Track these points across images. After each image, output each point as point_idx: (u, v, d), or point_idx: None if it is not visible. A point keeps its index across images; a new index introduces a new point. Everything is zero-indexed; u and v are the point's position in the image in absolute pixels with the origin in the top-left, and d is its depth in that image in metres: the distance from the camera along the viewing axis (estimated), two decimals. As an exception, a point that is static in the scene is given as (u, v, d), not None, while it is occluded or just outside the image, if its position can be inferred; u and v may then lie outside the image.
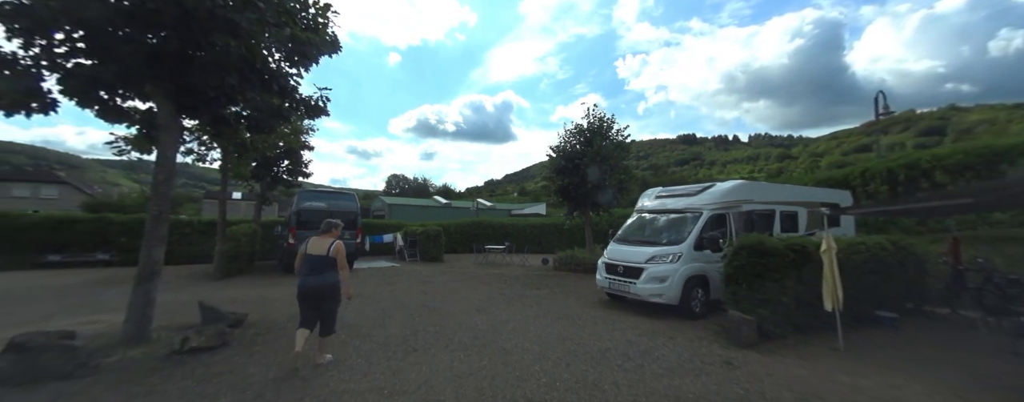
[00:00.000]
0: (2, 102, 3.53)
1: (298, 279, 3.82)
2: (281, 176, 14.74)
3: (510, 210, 47.90)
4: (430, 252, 14.39)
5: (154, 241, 4.52)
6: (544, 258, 13.41)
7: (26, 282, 8.98)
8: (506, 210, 46.89)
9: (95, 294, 7.59)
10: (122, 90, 4.26)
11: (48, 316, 5.77)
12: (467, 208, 43.87)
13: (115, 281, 9.08)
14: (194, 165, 11.16)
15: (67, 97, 4.14)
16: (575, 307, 6.49)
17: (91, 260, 12.33)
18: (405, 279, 9.71)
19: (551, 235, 19.39)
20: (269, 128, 5.45)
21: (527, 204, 61.48)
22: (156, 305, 4.59)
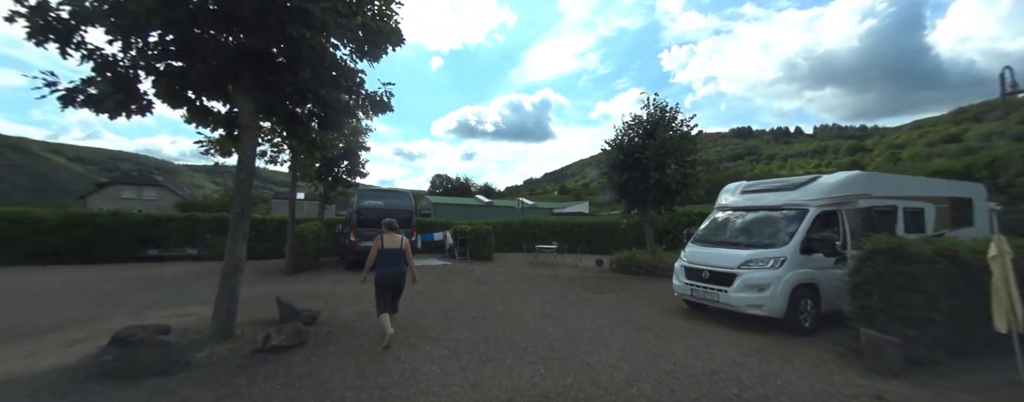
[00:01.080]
0: (106, 104, 3.63)
1: (375, 271, 4.41)
2: (341, 176, 15.29)
3: (551, 209, 47.07)
4: (480, 251, 14.22)
5: (238, 238, 4.56)
6: (598, 259, 12.70)
7: (132, 273, 9.90)
8: (547, 209, 46.15)
9: (186, 286, 8.13)
10: (207, 91, 4.30)
11: (148, 306, 6.17)
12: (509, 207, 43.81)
13: (202, 274, 9.77)
14: (264, 167, 11.84)
15: (160, 100, 4.24)
16: (652, 315, 5.84)
17: (182, 255, 13.52)
18: (460, 278, 9.51)
19: (600, 234, 18.51)
20: (338, 125, 5.39)
21: (568, 203, 60.34)
22: (239, 300, 4.63)
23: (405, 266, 4.51)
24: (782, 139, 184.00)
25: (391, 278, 4.40)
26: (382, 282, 4.39)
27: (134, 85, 3.83)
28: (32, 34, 3.11)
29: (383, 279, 4.39)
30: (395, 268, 4.43)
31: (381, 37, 4.32)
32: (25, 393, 3.10)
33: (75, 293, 7.29)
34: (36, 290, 7.56)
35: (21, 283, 8.25)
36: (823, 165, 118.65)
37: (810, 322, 5.00)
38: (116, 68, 3.62)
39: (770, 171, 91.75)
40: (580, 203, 58.37)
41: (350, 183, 15.20)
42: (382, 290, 4.39)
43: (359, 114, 5.38)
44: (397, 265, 4.44)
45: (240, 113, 4.57)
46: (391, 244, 4.45)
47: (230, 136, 4.95)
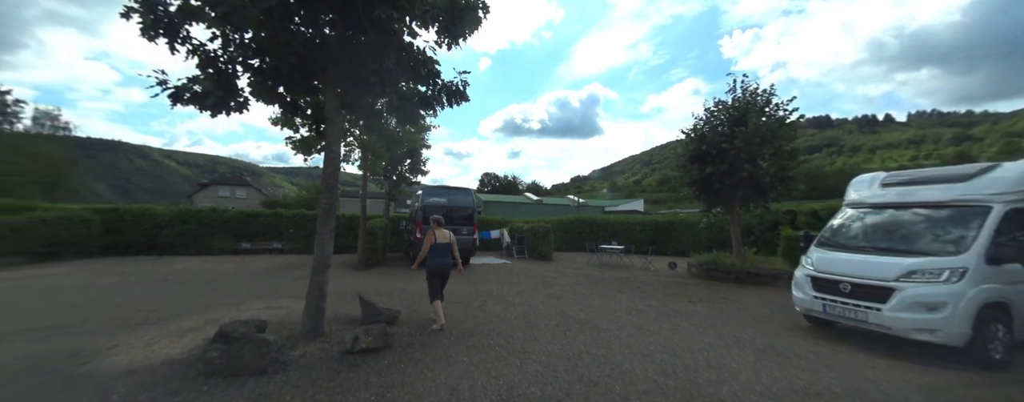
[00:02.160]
0: (208, 101, 3.63)
1: (428, 262, 4.92)
2: (404, 174, 15.59)
3: (602, 207, 45.25)
4: (538, 250, 13.71)
5: (325, 234, 4.45)
6: (671, 262, 11.59)
7: (229, 265, 10.73)
8: (598, 207, 44.43)
9: (274, 278, 8.54)
10: (297, 85, 4.21)
11: (244, 298, 6.43)
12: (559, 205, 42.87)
13: (287, 267, 10.34)
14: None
15: (255, 97, 4.22)
16: (768, 334, 4.90)
17: (269, 248, 14.61)
18: (525, 279, 9.06)
19: (665, 234, 17.10)
20: (415, 117, 5.14)
21: (621, 200, 57.69)
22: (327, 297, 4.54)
23: (451, 258, 5.03)
24: (868, 128, 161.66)
25: (442, 268, 4.93)
26: (434, 271, 4.90)
27: (232, 82, 3.83)
28: (145, 30, 3.15)
29: (435, 269, 4.90)
30: (445, 259, 4.95)
31: (469, 11, 3.93)
32: (144, 387, 3.11)
33: (185, 282, 7.90)
34: (154, 278, 8.33)
35: (148, 272, 9.19)
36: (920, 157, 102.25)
37: (1002, 352, 3.82)
38: (217, 63, 3.63)
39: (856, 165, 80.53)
40: (633, 201, 55.65)
41: (412, 181, 15.47)
42: (433, 278, 4.89)
43: (436, 105, 5.07)
44: (446, 257, 4.95)
45: (326, 107, 4.46)
46: (442, 239, 4.94)
47: (317, 132, 4.88)
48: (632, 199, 61.77)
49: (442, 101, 5.10)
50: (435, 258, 4.92)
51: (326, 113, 4.49)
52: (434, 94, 5.00)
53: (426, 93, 4.99)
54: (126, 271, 9.14)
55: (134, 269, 9.53)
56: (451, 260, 5.01)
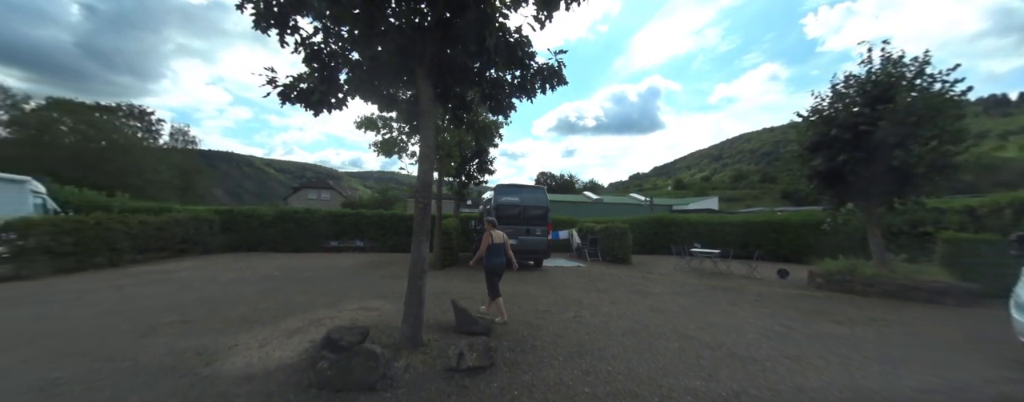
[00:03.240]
0: (313, 97, 3.47)
1: (487, 260, 5.07)
2: (472, 173, 15.44)
3: (669, 206, 41.92)
4: (615, 252, 12.67)
5: (421, 235, 4.11)
6: (781, 270, 9.87)
7: (321, 262, 11.36)
8: (663, 205, 41.26)
9: (362, 277, 8.72)
10: (392, 77, 3.89)
11: (339, 297, 6.49)
12: (621, 204, 40.58)
13: (373, 265, 10.63)
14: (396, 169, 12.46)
15: (353, 93, 4.00)
16: (993, 378, 3.55)
17: (352, 246, 15.43)
18: (611, 286, 8.20)
19: (761, 236, 14.90)
20: (508, 107, 4.63)
21: (691, 199, 53.13)
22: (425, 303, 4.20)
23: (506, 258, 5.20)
24: (997, 110, 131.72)
25: (500, 266, 5.09)
26: (494, 270, 5.06)
27: (334, 76, 3.63)
28: (257, 21, 3.04)
29: (495, 267, 5.06)
30: (502, 258, 5.13)
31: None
32: (261, 397, 2.94)
33: (287, 279, 8.34)
34: (262, 274, 8.95)
35: (256, 268, 9.97)
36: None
37: None
38: (321, 57, 3.44)
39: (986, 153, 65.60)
40: (705, 198, 51.03)
41: (479, 181, 15.29)
42: (496, 276, 5.07)
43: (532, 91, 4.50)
44: (502, 256, 5.13)
45: (421, 99, 4.11)
46: (498, 239, 5.12)
47: (411, 126, 4.58)
48: (703, 197, 56.72)
49: (537, 86, 4.52)
50: (493, 257, 5.08)
51: (421, 106, 4.14)
52: (529, 77, 4.43)
53: (521, 79, 4.45)
54: (240, 266, 10.00)
55: (246, 265, 10.42)
56: (504, 259, 5.17)
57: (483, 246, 5.10)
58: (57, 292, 6.40)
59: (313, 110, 3.93)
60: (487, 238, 5.10)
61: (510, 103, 4.69)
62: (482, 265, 5.12)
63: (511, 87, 4.47)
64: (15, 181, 10.00)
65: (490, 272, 5.05)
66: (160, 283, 7.40)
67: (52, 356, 3.61)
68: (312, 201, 54.82)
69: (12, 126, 24.11)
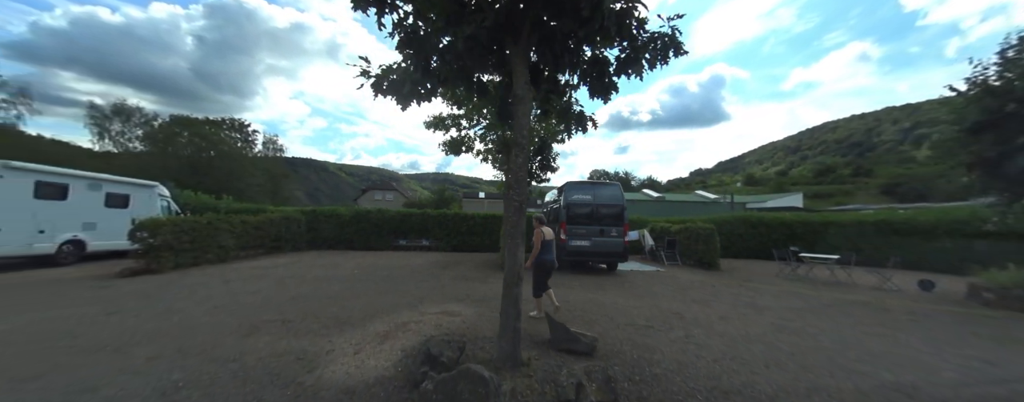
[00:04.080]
0: (404, 88, 3.17)
1: (538, 258, 5.00)
2: (535, 172, 14.88)
3: (742, 204, 37.74)
4: (699, 256, 11.30)
5: (517, 238, 3.61)
6: (924, 281, 7.96)
7: (394, 261, 11.57)
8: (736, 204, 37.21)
9: (436, 278, 8.58)
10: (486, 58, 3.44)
11: (418, 298, 6.30)
12: (686, 201, 37.40)
13: (442, 265, 10.56)
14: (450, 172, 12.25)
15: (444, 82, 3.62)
16: None
17: (419, 245, 15.73)
18: (711, 297, 7.11)
19: (880, 238, 12.44)
20: (611, 87, 3.99)
21: (768, 196, 47.47)
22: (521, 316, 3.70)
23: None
24: None
25: (550, 264, 5.09)
26: (546, 267, 5.07)
27: (428, 62, 3.27)
28: (357, 1, 2.76)
29: (547, 265, 5.08)
30: (552, 255, 5.14)
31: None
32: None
33: (367, 278, 8.47)
34: (345, 272, 9.22)
35: (339, 265, 10.38)
36: None
37: None
38: (416, 40, 3.10)
39: None
40: (787, 195, 45.41)
41: (542, 178, 14.68)
42: (547, 273, 5.08)
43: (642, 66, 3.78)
44: (552, 253, 5.14)
45: (515, 83, 3.60)
46: (548, 236, 5.09)
47: (502, 116, 4.11)
48: (783, 193, 50.58)
49: (648, 59, 3.78)
50: (547, 254, 5.07)
51: (515, 90, 3.63)
52: (639, 46, 3.69)
53: (629, 52, 3.74)
54: (324, 264, 10.48)
55: (329, 262, 10.91)
56: (554, 256, 5.19)
57: (537, 244, 5.04)
58: (177, 285, 7.01)
59: (403, 103, 3.63)
60: (539, 235, 5.07)
61: (612, 82, 4.02)
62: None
63: (618, 62, 3.80)
64: (147, 186, 11.50)
65: (540, 269, 5.06)
66: (259, 279, 7.85)
67: (172, 354, 3.69)
68: (378, 201, 58.48)
69: (145, 140, 28.61)
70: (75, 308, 5.26)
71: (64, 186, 9.02)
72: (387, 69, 3.59)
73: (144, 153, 27.71)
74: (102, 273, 8.13)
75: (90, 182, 9.72)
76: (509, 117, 4.16)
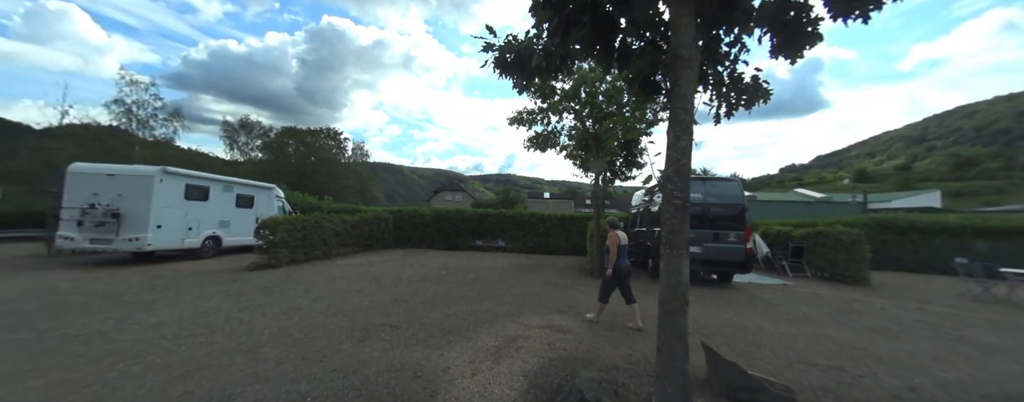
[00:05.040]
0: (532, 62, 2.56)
1: (618, 262, 4.84)
2: (620, 169, 13.59)
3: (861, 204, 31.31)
4: (838, 268, 9.15)
5: (680, 247, 2.70)
6: None
7: (476, 262, 11.35)
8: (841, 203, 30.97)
9: (524, 283, 8.01)
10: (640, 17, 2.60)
11: (515, 307, 5.75)
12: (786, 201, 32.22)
13: (526, 268, 10.02)
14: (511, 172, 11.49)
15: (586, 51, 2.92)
16: None
17: (496, 246, 15.49)
18: (893, 325, 5.44)
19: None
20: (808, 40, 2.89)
21: (893, 194, 39.00)
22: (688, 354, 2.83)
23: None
24: None
25: (628, 268, 4.88)
26: (624, 273, 4.85)
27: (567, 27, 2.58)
28: None
29: (624, 270, 4.85)
30: (627, 260, 4.91)
31: None
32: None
33: (456, 280, 8.23)
34: (434, 272, 9.14)
35: (427, 265, 10.43)
36: None
37: None
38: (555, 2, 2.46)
39: None
40: (920, 193, 37.02)
41: (627, 176, 13.38)
42: (624, 280, 4.86)
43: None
44: (626, 258, 4.91)
45: (675, 42, 2.72)
46: (624, 241, 4.88)
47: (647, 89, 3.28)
48: (912, 191, 41.43)
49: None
50: (620, 259, 4.86)
51: (676, 52, 2.74)
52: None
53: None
54: (413, 263, 10.61)
55: (417, 261, 11.05)
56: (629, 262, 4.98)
57: (613, 249, 4.81)
58: (293, 281, 7.41)
59: (527, 80, 3.04)
60: (614, 240, 4.81)
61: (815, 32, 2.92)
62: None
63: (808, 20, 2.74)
64: (267, 188, 12.85)
65: (616, 275, 4.83)
66: (360, 278, 8.03)
67: (296, 360, 3.55)
68: (448, 202, 60.99)
69: (263, 149, 33.18)
70: (214, 301, 5.66)
71: (206, 188, 10.33)
72: (509, 42, 3.03)
73: (262, 160, 32.24)
74: (233, 266, 9.05)
75: (225, 185, 11.06)
76: (656, 91, 3.32)
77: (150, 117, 22.65)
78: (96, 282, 6.73)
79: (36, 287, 6.26)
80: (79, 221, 8.41)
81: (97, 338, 3.90)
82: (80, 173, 8.87)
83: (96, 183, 8.72)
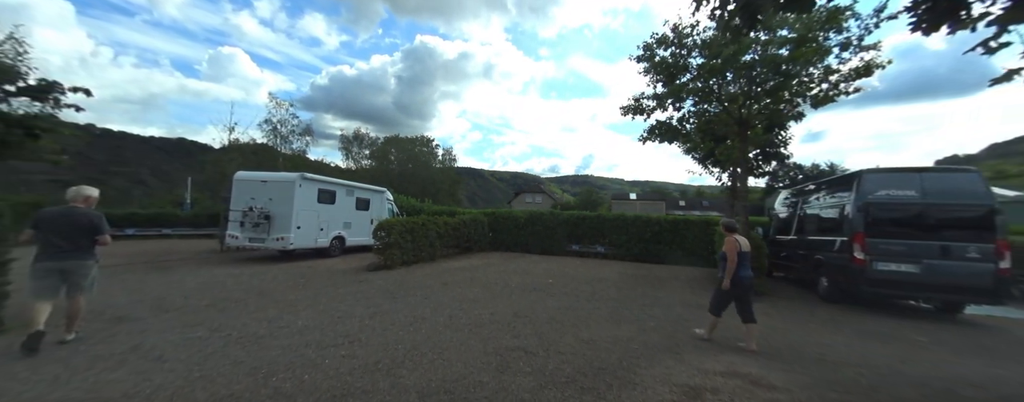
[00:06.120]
0: None
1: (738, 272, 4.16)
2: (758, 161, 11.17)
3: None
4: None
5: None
6: None
7: (582, 271, 10.28)
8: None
9: (654, 299, 6.71)
10: None
11: (668, 338, 4.55)
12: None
13: (642, 280, 8.62)
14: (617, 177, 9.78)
15: None
16: None
17: (594, 252, 14.19)
18: None
19: None
20: None
21: None
22: None
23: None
24: None
25: (750, 279, 4.30)
26: (744, 285, 4.25)
27: None
28: None
29: (746, 282, 4.25)
30: (750, 270, 4.32)
31: None
32: None
33: (571, 292, 7.39)
34: (541, 281, 8.36)
35: (531, 272, 9.75)
36: None
37: None
38: None
39: None
40: None
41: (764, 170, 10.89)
42: (745, 292, 4.25)
43: None
44: (748, 267, 4.29)
45: None
46: (745, 247, 4.26)
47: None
48: None
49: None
50: (740, 269, 4.18)
51: None
52: None
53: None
54: (515, 269, 10.02)
55: (518, 267, 10.45)
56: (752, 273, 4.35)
57: (732, 257, 4.19)
58: (409, 285, 7.32)
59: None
60: (733, 246, 4.20)
61: None
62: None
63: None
64: (379, 191, 13.70)
65: (736, 287, 4.19)
66: (470, 284, 7.65)
67: (439, 394, 2.97)
68: (528, 204, 61.03)
69: (371, 157, 37.17)
70: (346, 304, 5.66)
71: (333, 192, 11.25)
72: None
73: (371, 167, 36.11)
74: (356, 266, 9.54)
75: (347, 189, 11.97)
76: None
77: (289, 133, 26.91)
78: (253, 279, 7.47)
79: (210, 281, 7.15)
80: (241, 222, 9.71)
81: (253, 343, 3.91)
82: (242, 180, 10.30)
83: (253, 189, 10.01)
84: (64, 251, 3.68)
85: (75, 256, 3.73)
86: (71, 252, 3.71)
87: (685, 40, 6.54)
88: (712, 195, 74.98)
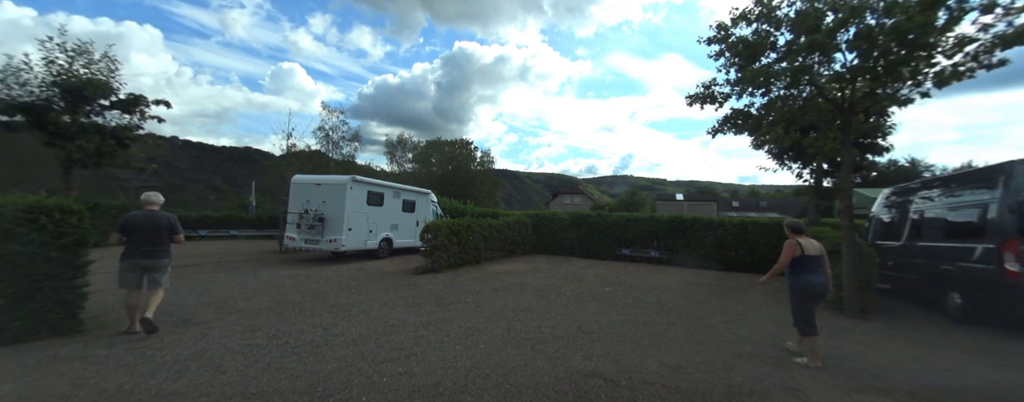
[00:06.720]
0: None
1: (796, 278, 3.84)
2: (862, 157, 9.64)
3: None
4: None
5: None
6: None
7: (639, 279, 9.43)
8: None
9: (727, 313, 5.80)
10: None
11: (778, 369, 3.73)
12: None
13: (709, 291, 7.64)
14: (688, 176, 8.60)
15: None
16: None
17: (647, 256, 13.15)
18: None
19: None
20: None
21: None
22: None
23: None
24: None
25: (820, 287, 3.81)
26: (808, 292, 3.79)
27: None
28: None
29: (810, 287, 3.77)
30: (819, 277, 3.83)
31: None
32: None
33: (631, 302, 6.70)
34: (595, 288, 7.71)
35: (582, 278, 9.10)
36: None
37: None
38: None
39: None
40: None
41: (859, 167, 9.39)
42: (811, 301, 3.83)
43: None
44: (818, 273, 3.83)
45: None
46: (812, 251, 3.82)
47: None
48: None
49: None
50: (802, 274, 3.78)
51: None
52: None
53: None
54: (564, 274, 9.40)
55: (567, 272, 9.83)
56: (824, 278, 3.85)
57: (787, 259, 3.78)
58: (458, 290, 6.99)
59: None
60: (791, 248, 3.79)
61: None
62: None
63: None
64: (424, 193, 13.71)
65: (802, 295, 3.79)
66: (521, 290, 7.19)
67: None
68: (567, 206, 59.76)
69: (413, 160, 38.23)
70: (398, 311, 5.41)
71: (381, 194, 11.34)
72: None
73: (414, 170, 37.14)
74: (404, 268, 9.45)
75: (394, 191, 12.04)
76: None
77: (340, 139, 28.32)
78: (308, 281, 7.54)
79: (271, 283, 7.29)
80: (298, 224, 10.01)
81: (310, 354, 3.69)
82: (298, 183, 10.65)
83: (308, 191, 10.30)
84: (146, 250, 4.11)
85: (156, 255, 4.16)
86: (153, 251, 4.14)
87: (774, 13, 5.58)
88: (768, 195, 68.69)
